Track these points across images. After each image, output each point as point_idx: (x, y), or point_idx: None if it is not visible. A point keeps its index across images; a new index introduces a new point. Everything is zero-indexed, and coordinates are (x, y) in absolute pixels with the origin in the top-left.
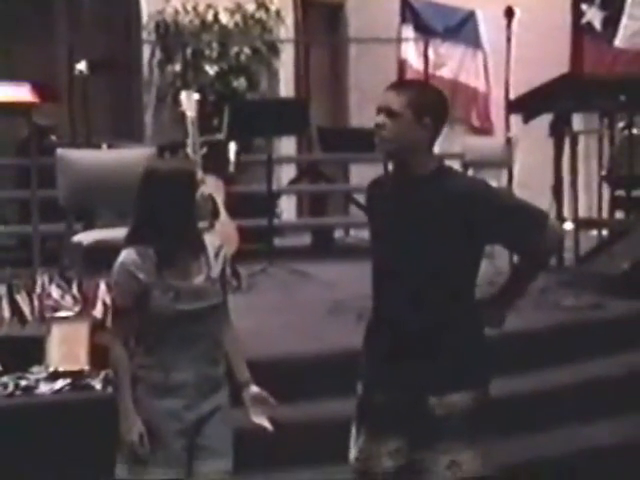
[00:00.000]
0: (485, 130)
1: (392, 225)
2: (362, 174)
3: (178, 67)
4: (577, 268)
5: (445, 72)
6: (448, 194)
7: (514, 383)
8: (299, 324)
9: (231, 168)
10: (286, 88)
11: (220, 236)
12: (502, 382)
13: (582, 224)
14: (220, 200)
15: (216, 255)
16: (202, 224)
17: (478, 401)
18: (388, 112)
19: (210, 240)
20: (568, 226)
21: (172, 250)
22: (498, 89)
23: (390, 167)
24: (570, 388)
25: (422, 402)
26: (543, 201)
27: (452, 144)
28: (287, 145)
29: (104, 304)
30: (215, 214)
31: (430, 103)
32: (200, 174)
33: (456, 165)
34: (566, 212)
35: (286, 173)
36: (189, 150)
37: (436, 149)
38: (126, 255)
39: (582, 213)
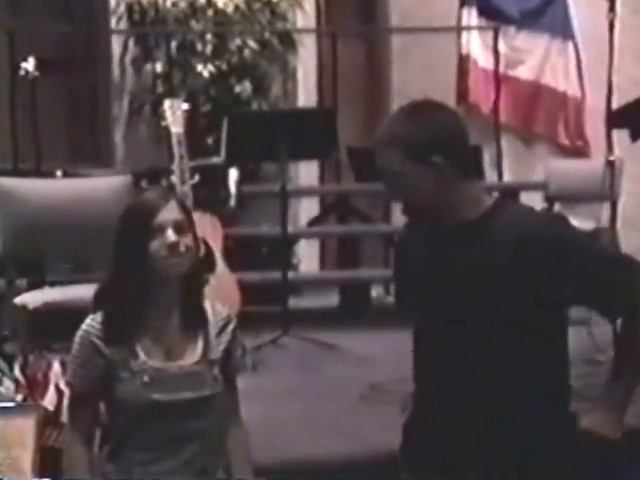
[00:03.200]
0: (577, 151)
1: (435, 287)
2: None
3: (160, 66)
4: None
5: (523, 72)
6: (506, 242)
7: None
8: (323, 416)
9: (231, 203)
10: (306, 95)
11: (216, 295)
12: None
13: None
14: (216, 246)
15: (222, 329)
16: None
17: None
18: (389, 174)
19: (215, 307)
20: None
21: (149, 317)
22: (596, 94)
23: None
24: None
25: None
26: None
27: (531, 170)
28: (307, 172)
29: (58, 390)
30: (209, 265)
31: (433, 135)
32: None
33: (537, 199)
34: None
35: (306, 210)
36: (175, 179)
37: (508, 177)
38: (90, 322)
39: None
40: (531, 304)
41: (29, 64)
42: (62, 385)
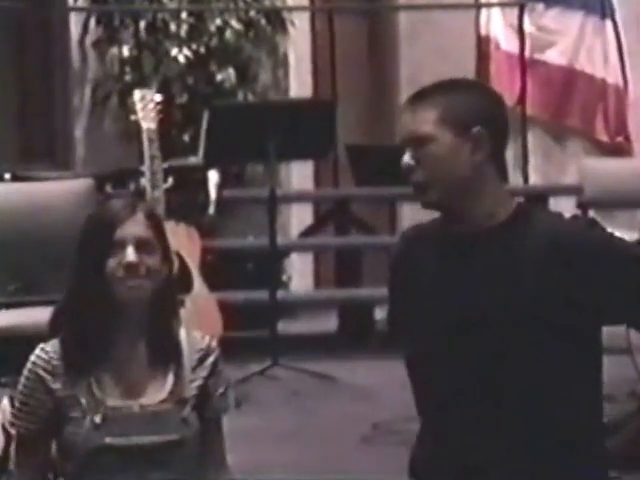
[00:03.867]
0: (618, 148)
1: (445, 309)
2: (417, 218)
3: (127, 50)
4: None
5: (553, 55)
6: (534, 252)
7: None
8: (319, 461)
9: (211, 210)
10: (298, 84)
11: (193, 319)
12: None
13: None
14: (193, 261)
15: (199, 361)
16: None
17: None
18: (415, 141)
19: (191, 336)
20: None
21: (109, 347)
22: None
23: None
24: None
25: None
26: None
27: (562, 171)
28: (300, 174)
29: (6, 432)
30: (185, 284)
31: (476, 103)
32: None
33: (569, 204)
34: None
35: (298, 218)
36: (145, 182)
37: (535, 179)
38: (39, 352)
39: None
40: (563, 324)
41: None
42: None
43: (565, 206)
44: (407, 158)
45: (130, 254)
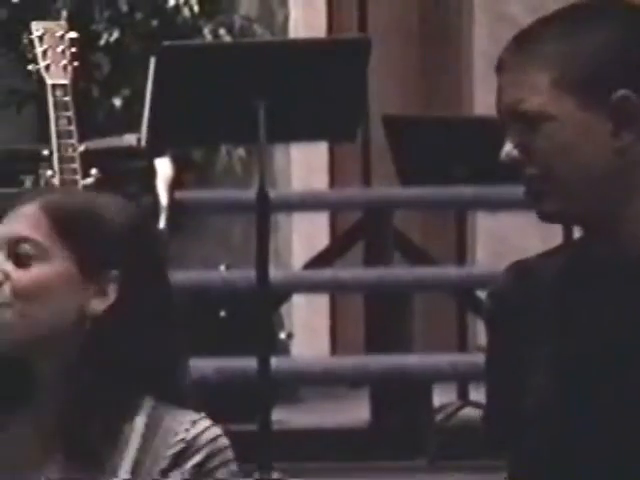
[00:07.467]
0: None
1: (586, 374)
2: (503, 237)
3: None
4: None
5: None
6: None
7: None
8: None
9: (161, 223)
10: (304, 14)
11: None
12: None
13: None
14: None
15: (173, 462)
16: None
17: None
18: (521, 120)
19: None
20: None
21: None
22: None
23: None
24: None
25: None
26: None
27: None
28: (307, 166)
29: None
30: None
31: (618, 48)
32: None
33: None
34: None
35: (304, 237)
36: (53, 174)
37: None
38: None
39: None
40: None
41: None
42: None
43: None
44: (510, 147)
45: None
